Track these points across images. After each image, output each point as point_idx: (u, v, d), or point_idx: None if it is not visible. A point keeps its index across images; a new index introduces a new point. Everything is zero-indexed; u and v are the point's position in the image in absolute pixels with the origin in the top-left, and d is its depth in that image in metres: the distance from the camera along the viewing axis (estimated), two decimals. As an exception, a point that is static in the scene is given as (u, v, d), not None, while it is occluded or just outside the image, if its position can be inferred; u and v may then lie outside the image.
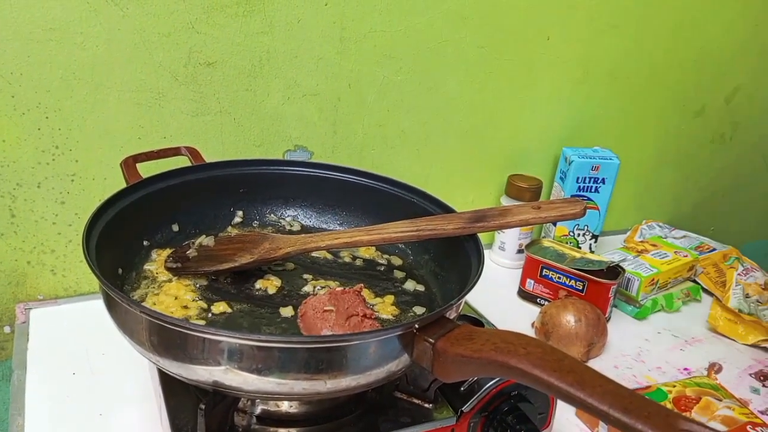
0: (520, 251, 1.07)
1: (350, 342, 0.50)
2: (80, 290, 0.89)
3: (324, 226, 0.81)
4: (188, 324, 0.47)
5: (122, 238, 0.65)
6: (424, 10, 0.94)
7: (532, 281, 0.97)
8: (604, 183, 1.05)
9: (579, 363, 0.45)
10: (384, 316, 0.64)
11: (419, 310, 0.66)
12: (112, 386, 0.73)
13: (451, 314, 0.57)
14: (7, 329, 0.87)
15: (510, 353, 0.46)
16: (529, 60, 1.06)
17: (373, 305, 0.66)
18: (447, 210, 0.71)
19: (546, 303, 0.94)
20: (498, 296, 0.99)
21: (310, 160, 0.97)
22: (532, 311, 0.95)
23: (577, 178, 1.05)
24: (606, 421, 0.42)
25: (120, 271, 0.64)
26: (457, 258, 0.68)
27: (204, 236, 0.71)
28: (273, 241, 0.68)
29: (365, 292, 0.67)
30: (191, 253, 0.69)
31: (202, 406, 0.50)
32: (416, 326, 0.51)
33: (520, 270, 1.01)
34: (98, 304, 0.85)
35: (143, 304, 0.61)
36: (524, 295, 0.99)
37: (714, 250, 1.14)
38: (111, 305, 0.54)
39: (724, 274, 1.06)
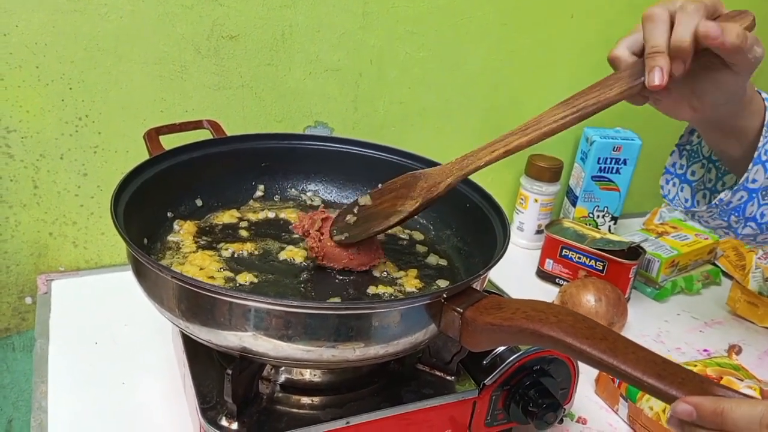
0: (538, 232, 1.07)
1: (379, 310, 0.50)
2: (101, 262, 0.90)
3: (345, 201, 0.80)
4: (221, 289, 0.47)
5: (147, 209, 0.65)
6: (447, -15, 0.94)
7: (552, 261, 0.97)
8: (625, 164, 1.05)
9: (611, 331, 0.45)
10: (408, 289, 0.64)
11: (443, 283, 0.66)
12: (134, 355, 0.73)
13: (478, 285, 0.57)
14: (28, 300, 0.88)
15: (541, 321, 0.46)
16: (552, 38, 1.04)
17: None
18: (473, 185, 0.71)
19: (565, 283, 0.94)
20: (516, 276, 0.99)
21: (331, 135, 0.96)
22: (551, 291, 0.95)
23: (599, 159, 1.04)
24: (640, 388, 0.42)
25: (145, 241, 0.64)
26: (480, 232, 0.68)
27: (361, 196, 0.65)
28: (427, 179, 0.61)
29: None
30: (350, 219, 0.64)
31: (229, 372, 0.50)
32: (444, 296, 0.52)
33: (539, 250, 1.01)
34: (119, 276, 0.87)
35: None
36: (543, 275, 0.99)
37: (734, 233, 1.13)
38: (140, 272, 0.54)
39: (744, 258, 1.05)
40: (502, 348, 0.61)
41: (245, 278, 0.61)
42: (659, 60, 0.52)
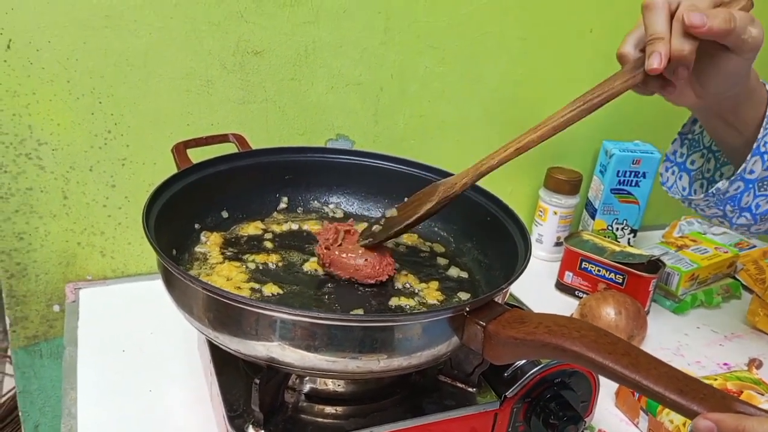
0: (557, 244, 1.07)
1: (403, 322, 0.51)
2: (128, 272, 0.92)
3: (366, 213, 0.82)
4: (250, 300, 0.48)
5: (175, 221, 0.67)
6: (467, 1, 0.95)
7: (571, 274, 0.97)
8: (644, 177, 1.05)
9: (633, 346, 0.46)
10: (430, 301, 0.65)
11: (464, 296, 0.67)
12: (160, 364, 0.75)
13: (500, 299, 0.57)
14: (56, 308, 0.90)
15: (564, 336, 0.47)
16: (571, 52, 1.05)
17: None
18: (493, 198, 0.72)
19: (584, 296, 0.94)
20: (535, 288, 0.99)
21: (352, 148, 0.98)
22: (570, 304, 0.95)
23: (618, 172, 1.04)
24: (662, 403, 0.42)
25: (174, 252, 0.66)
26: (501, 245, 0.69)
27: (388, 209, 0.69)
28: (446, 183, 0.65)
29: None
30: (376, 228, 0.67)
31: (257, 381, 0.52)
32: (467, 309, 0.52)
33: (558, 263, 1.01)
34: (145, 286, 0.89)
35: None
36: (562, 287, 0.99)
37: (754, 247, 1.12)
38: (170, 282, 0.56)
39: (764, 271, 1.04)
40: (523, 361, 0.62)
41: (271, 289, 0.63)
42: (658, 45, 0.55)
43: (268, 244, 0.72)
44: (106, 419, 0.67)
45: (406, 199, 0.69)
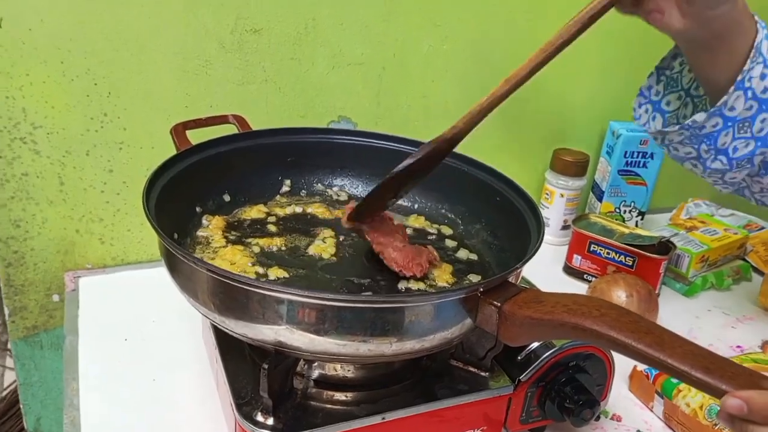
0: (564, 227, 1.05)
1: (415, 303, 0.49)
2: (127, 259, 0.90)
3: (371, 196, 0.80)
4: (259, 282, 0.47)
5: (176, 204, 0.64)
6: (471, -22, 0.93)
7: (579, 257, 0.96)
8: (652, 158, 1.03)
9: (656, 325, 0.44)
10: (440, 284, 0.63)
11: (474, 278, 0.65)
12: (164, 352, 0.73)
13: (514, 279, 0.56)
14: (55, 297, 0.88)
15: (583, 315, 0.45)
16: (577, 31, 1.03)
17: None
18: (501, 176, 0.70)
19: (593, 279, 0.93)
20: (542, 273, 0.96)
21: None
22: (579, 288, 0.94)
23: (625, 153, 1.02)
24: (687, 382, 0.41)
25: (175, 236, 0.64)
26: (511, 224, 0.67)
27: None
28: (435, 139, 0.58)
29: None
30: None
31: (265, 366, 0.50)
32: (480, 289, 0.51)
33: (564, 247, 1.00)
34: (146, 273, 0.87)
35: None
36: (570, 271, 0.98)
37: (763, 228, 1.11)
38: (173, 266, 0.54)
39: (775, 253, 1.03)
40: (536, 344, 0.60)
41: (276, 273, 0.61)
42: None
43: (272, 228, 0.70)
44: (110, 409, 0.65)
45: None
